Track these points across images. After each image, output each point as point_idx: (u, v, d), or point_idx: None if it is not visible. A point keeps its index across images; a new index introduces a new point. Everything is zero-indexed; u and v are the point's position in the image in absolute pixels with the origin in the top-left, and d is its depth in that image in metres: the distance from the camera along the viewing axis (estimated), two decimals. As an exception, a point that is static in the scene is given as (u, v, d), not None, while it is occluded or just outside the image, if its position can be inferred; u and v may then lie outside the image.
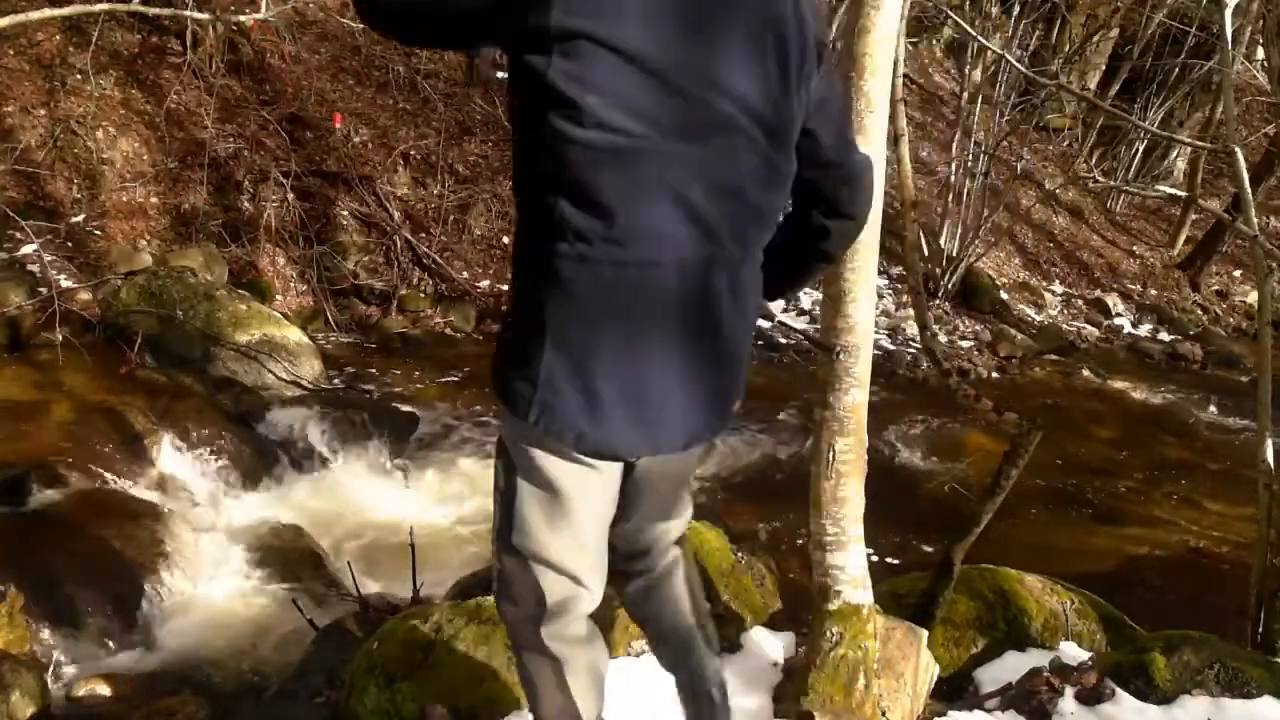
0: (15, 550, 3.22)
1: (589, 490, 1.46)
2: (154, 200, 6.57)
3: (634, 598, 1.79)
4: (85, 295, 5.48)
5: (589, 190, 1.25)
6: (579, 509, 1.47)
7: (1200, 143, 6.95)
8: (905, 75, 9.76)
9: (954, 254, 8.74)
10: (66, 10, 4.16)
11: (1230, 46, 3.35)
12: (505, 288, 7.43)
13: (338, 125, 7.13)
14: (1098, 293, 10.37)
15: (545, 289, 1.31)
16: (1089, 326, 9.67)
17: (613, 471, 1.48)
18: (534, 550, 1.49)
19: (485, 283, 7.44)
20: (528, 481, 1.46)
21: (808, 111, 1.39)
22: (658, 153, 1.25)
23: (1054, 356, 8.50)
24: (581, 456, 1.40)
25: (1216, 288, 11.57)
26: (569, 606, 1.54)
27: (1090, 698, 2.41)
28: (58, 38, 6.76)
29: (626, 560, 1.71)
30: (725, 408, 1.50)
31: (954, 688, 2.67)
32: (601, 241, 1.27)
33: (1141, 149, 12.20)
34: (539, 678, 1.62)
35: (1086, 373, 8.19)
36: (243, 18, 5.89)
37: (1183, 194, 10.24)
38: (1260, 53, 10.61)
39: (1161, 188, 10.20)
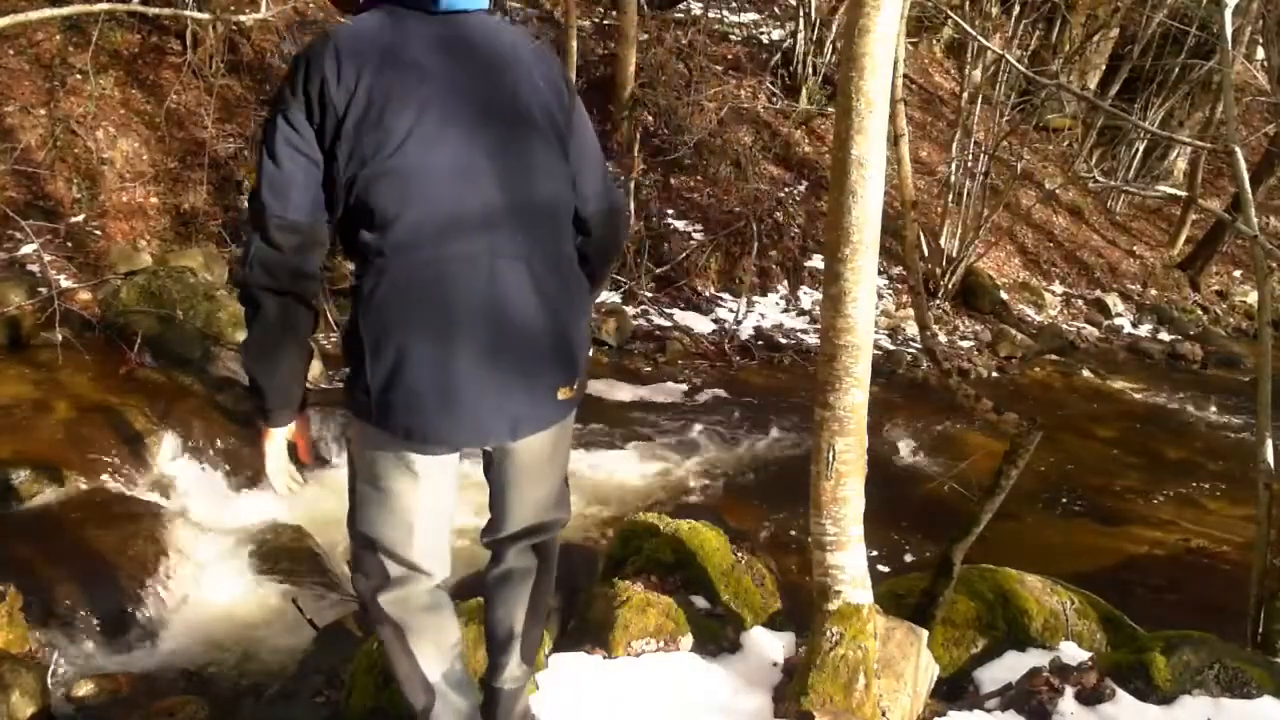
0: (15, 550, 3.22)
1: (420, 484, 1.64)
2: (154, 200, 6.57)
3: (488, 579, 1.95)
4: (85, 295, 5.48)
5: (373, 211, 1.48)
6: (407, 502, 1.66)
7: (1200, 143, 6.95)
8: (905, 75, 9.77)
9: (954, 254, 8.75)
10: (66, 10, 4.16)
11: (1230, 46, 3.35)
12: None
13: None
14: (1098, 293, 10.37)
15: (360, 307, 1.53)
16: (1089, 326, 9.67)
17: (447, 464, 1.67)
18: (370, 536, 1.71)
19: (485, 283, 7.44)
20: (363, 477, 1.67)
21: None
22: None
23: (1054, 356, 8.50)
24: (413, 452, 1.59)
25: (1216, 288, 11.57)
26: (407, 583, 1.74)
27: (1090, 698, 2.41)
28: (58, 38, 6.76)
29: (491, 545, 1.90)
30: (548, 395, 1.62)
31: (954, 688, 2.67)
32: (390, 249, 1.49)
33: (1141, 149, 12.21)
34: (389, 645, 1.79)
35: (1086, 373, 8.19)
36: (243, 18, 5.90)
37: (1183, 194, 10.25)
38: (1260, 53, 10.61)
39: (1161, 188, 10.21)
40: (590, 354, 1.75)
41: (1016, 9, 9.32)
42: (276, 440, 1.67)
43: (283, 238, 1.47)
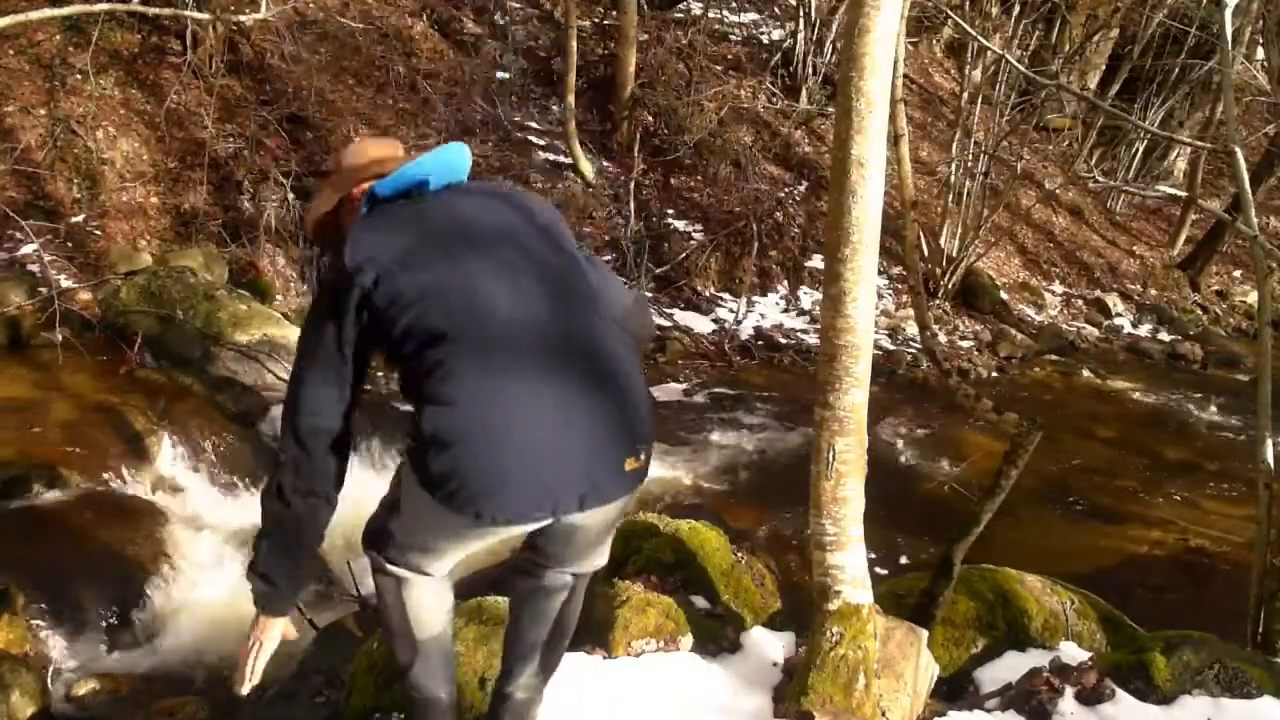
0: (15, 550, 3.22)
1: (466, 545, 1.74)
2: (154, 200, 6.56)
3: (520, 589, 1.96)
4: (85, 295, 5.47)
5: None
6: (445, 550, 1.76)
7: (1200, 143, 6.95)
8: (905, 75, 9.77)
9: (954, 254, 8.75)
10: (66, 10, 4.16)
11: (1230, 46, 3.35)
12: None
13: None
14: (1098, 293, 10.37)
15: (425, 407, 1.56)
16: (1089, 326, 9.67)
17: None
18: (399, 541, 1.77)
19: (485, 283, 7.44)
20: (409, 522, 1.73)
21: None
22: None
23: (1054, 356, 8.50)
24: (474, 528, 1.62)
25: (1216, 288, 11.57)
26: (417, 567, 1.80)
27: (1090, 698, 2.41)
28: (58, 38, 6.75)
29: (531, 560, 1.90)
30: (616, 468, 1.63)
31: (954, 688, 2.67)
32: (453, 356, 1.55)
33: (1141, 149, 12.21)
34: (387, 597, 1.83)
35: (1086, 373, 8.19)
36: (243, 18, 5.90)
37: (1183, 194, 10.25)
38: (1260, 53, 10.61)
39: (1161, 188, 10.22)
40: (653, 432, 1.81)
41: (1016, 9, 9.32)
42: (273, 631, 1.71)
43: (314, 442, 1.60)
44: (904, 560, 4.37)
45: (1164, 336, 9.88)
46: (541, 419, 1.53)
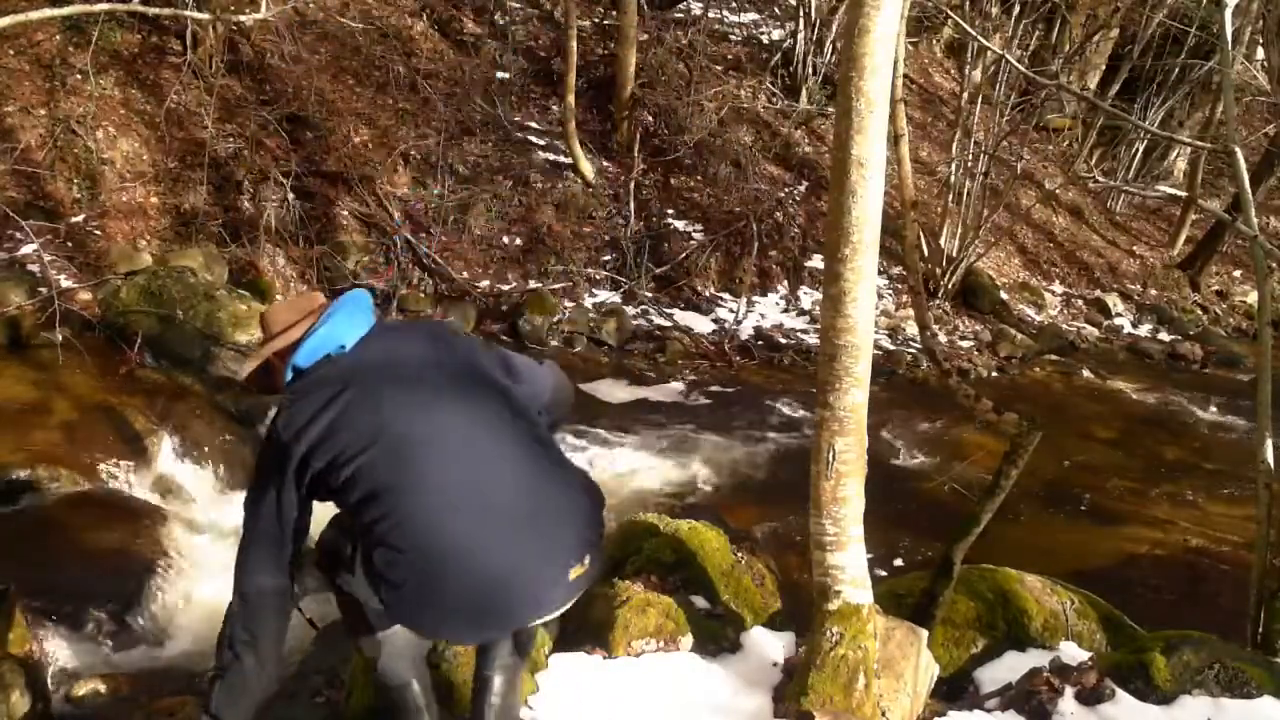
0: (15, 550, 3.22)
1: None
2: (154, 200, 6.56)
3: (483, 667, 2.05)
4: (85, 295, 5.47)
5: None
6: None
7: (1200, 143, 6.95)
8: (905, 75, 9.77)
9: (954, 254, 8.74)
10: (66, 10, 4.16)
11: (1230, 46, 3.35)
12: (505, 287, 7.44)
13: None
14: (1098, 293, 10.37)
15: (373, 549, 1.69)
16: (1089, 326, 9.67)
17: None
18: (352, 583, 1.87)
19: (485, 283, 7.44)
20: (361, 591, 1.82)
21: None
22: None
23: (1054, 356, 8.50)
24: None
25: (1216, 288, 11.57)
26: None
27: (1090, 698, 2.41)
28: (58, 38, 6.75)
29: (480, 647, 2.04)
30: (561, 576, 1.74)
31: (954, 688, 2.67)
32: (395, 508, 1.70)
33: (1141, 149, 12.21)
34: (344, 610, 1.94)
35: (1086, 373, 8.19)
36: (243, 18, 5.90)
37: (1183, 194, 10.25)
38: (1260, 53, 10.61)
39: (1161, 188, 10.22)
40: (604, 529, 1.93)
41: (1016, 9, 9.31)
42: None
43: (258, 599, 1.77)
44: (904, 560, 4.37)
45: (1164, 336, 9.87)
46: (484, 558, 1.65)
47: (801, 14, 10.02)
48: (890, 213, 3.57)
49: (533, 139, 8.51)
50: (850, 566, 2.30)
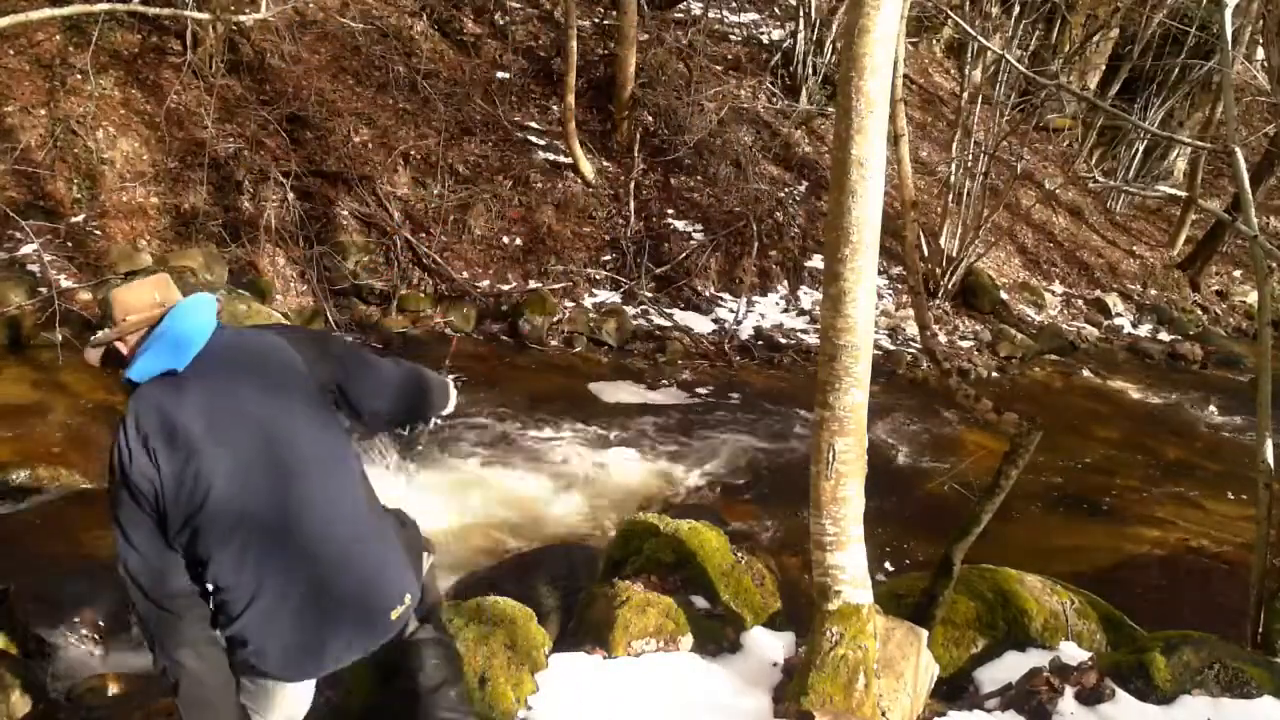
0: (15, 550, 3.22)
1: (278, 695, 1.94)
2: (154, 200, 6.57)
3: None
4: (85, 295, 5.48)
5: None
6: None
7: (1200, 143, 6.95)
8: (905, 75, 9.77)
9: (954, 254, 8.74)
10: (66, 10, 4.17)
11: (1230, 46, 3.35)
12: (505, 287, 7.45)
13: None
14: (1098, 293, 10.37)
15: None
16: (1089, 326, 9.67)
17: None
18: None
19: (485, 282, 7.44)
20: None
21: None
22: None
23: (1054, 356, 8.50)
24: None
25: (1216, 288, 11.57)
26: None
27: (1090, 698, 2.41)
28: (58, 38, 6.76)
29: None
30: (381, 620, 1.84)
31: (954, 688, 2.67)
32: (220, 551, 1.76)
33: (1141, 149, 12.20)
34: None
35: (1086, 373, 8.19)
36: (243, 18, 5.90)
37: (1183, 194, 10.24)
38: (1260, 53, 10.61)
39: (1161, 188, 10.21)
40: (426, 566, 2.04)
41: (1016, 9, 9.32)
42: None
43: (151, 595, 1.74)
44: (904, 560, 4.37)
45: (1164, 336, 9.87)
46: (300, 607, 1.75)
47: (801, 14, 10.03)
48: (890, 213, 3.57)
49: (533, 139, 8.51)
50: (850, 566, 2.30)
